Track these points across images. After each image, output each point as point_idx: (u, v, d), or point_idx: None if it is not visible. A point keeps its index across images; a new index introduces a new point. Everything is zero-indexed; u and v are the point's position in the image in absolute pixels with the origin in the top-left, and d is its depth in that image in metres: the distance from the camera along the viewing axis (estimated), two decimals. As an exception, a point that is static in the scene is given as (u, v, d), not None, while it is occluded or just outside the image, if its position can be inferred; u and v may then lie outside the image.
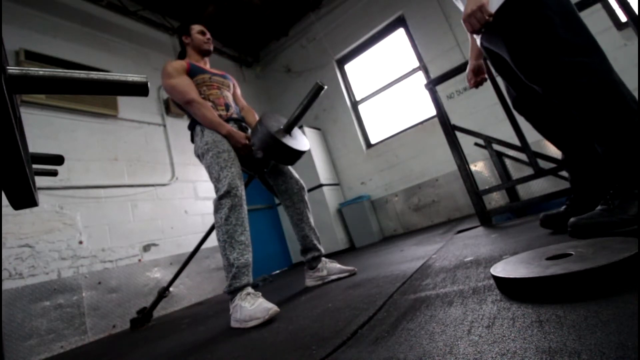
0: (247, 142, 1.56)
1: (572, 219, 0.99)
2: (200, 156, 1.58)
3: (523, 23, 1.04)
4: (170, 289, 2.80)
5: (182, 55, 1.83)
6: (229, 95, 1.77)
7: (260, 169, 1.67)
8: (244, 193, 1.43)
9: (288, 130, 1.54)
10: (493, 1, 1.08)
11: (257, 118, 1.78)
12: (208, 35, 1.82)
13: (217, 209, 1.38)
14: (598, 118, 0.96)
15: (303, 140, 1.65)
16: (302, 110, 1.52)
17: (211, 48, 1.83)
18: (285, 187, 1.70)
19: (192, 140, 1.66)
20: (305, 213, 1.71)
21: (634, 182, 0.93)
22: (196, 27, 1.82)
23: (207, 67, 1.81)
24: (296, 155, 1.54)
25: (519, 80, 1.23)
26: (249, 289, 1.28)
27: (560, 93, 1.02)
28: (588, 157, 1.21)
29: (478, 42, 1.30)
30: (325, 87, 1.49)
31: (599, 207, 0.98)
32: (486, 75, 1.56)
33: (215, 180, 1.43)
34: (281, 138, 1.46)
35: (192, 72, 1.66)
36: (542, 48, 1.01)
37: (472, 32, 1.07)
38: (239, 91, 1.92)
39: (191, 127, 1.65)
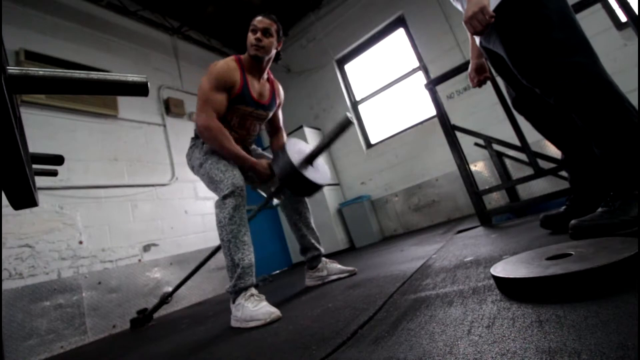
0: (269, 171, 1.51)
1: (573, 221, 0.99)
2: (197, 167, 1.52)
3: (519, 23, 1.04)
4: (170, 288, 2.80)
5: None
6: (256, 130, 1.67)
7: (277, 196, 1.60)
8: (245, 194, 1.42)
9: (310, 160, 1.49)
10: (490, 0, 1.08)
11: (284, 141, 1.71)
12: (258, 35, 1.48)
13: (220, 209, 1.35)
14: (595, 120, 0.97)
15: (325, 172, 1.59)
16: (327, 142, 1.47)
17: (259, 53, 1.49)
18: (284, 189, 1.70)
19: (188, 152, 1.61)
20: (304, 213, 1.70)
21: (633, 183, 0.93)
22: (254, 20, 1.51)
23: (261, 83, 1.59)
24: (315, 188, 1.48)
25: (518, 79, 1.23)
26: (253, 290, 1.28)
27: (556, 94, 1.02)
28: (588, 157, 1.21)
29: (477, 41, 1.30)
30: (354, 122, 1.44)
31: (599, 209, 0.98)
32: (489, 74, 1.55)
33: (218, 182, 1.39)
34: (302, 170, 1.41)
35: (239, 98, 1.49)
36: (537, 48, 1.01)
37: (474, 34, 1.07)
38: (280, 112, 1.76)
39: (197, 136, 1.59)
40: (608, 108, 0.94)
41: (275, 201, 1.62)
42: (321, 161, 1.60)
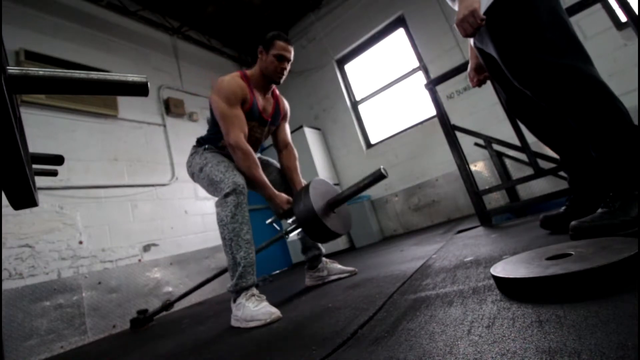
0: (288, 207, 1.46)
1: (573, 222, 0.99)
2: (197, 172, 1.52)
3: (510, 24, 1.04)
4: (170, 288, 2.81)
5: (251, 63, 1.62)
6: (260, 143, 1.67)
7: (287, 234, 1.56)
8: (247, 192, 1.41)
9: (333, 207, 1.44)
10: (482, 1, 1.08)
11: (296, 162, 1.70)
12: (285, 65, 1.52)
13: (222, 207, 1.34)
14: (589, 123, 0.96)
15: (347, 218, 1.54)
16: (355, 191, 1.41)
17: (281, 81, 1.56)
18: (288, 187, 1.69)
19: (188, 159, 1.60)
20: None
21: (633, 184, 0.93)
22: (279, 45, 1.50)
23: (266, 99, 1.61)
24: (333, 236, 1.42)
25: (510, 81, 1.23)
26: (254, 290, 1.28)
27: (548, 97, 1.02)
28: (585, 158, 1.21)
29: (472, 42, 1.30)
30: (387, 176, 1.37)
31: (599, 210, 0.97)
32: (488, 73, 1.54)
33: (218, 182, 1.39)
34: (323, 217, 1.35)
35: (249, 113, 1.51)
36: (527, 50, 1.01)
37: (466, 36, 1.08)
38: (286, 125, 1.76)
39: (199, 143, 1.59)
40: (601, 111, 0.94)
41: (290, 237, 1.57)
42: (344, 206, 1.53)
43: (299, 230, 1.51)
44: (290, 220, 1.49)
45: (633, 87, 2.55)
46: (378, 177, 1.36)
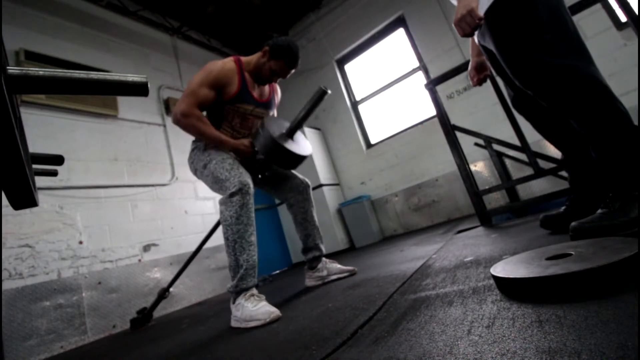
0: (252, 148, 1.52)
1: (573, 223, 0.98)
2: (200, 168, 1.51)
3: (510, 23, 1.04)
4: (170, 289, 2.81)
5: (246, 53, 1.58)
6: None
7: (262, 173, 1.64)
8: (253, 192, 1.40)
9: (290, 134, 1.53)
10: (483, 0, 1.08)
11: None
12: (276, 79, 1.61)
13: (227, 207, 1.32)
14: (589, 125, 0.96)
15: (305, 144, 1.64)
16: (304, 114, 1.51)
17: (265, 85, 1.62)
18: (289, 187, 1.69)
19: (190, 155, 1.59)
20: (310, 211, 1.70)
21: (632, 185, 0.93)
22: (283, 66, 1.54)
23: (258, 90, 1.62)
24: (298, 159, 1.53)
25: None
26: (254, 291, 1.28)
27: (548, 98, 1.01)
28: (587, 158, 1.21)
29: (476, 39, 1.30)
30: (329, 92, 1.48)
31: (599, 210, 0.97)
32: (489, 72, 1.54)
33: (224, 180, 1.37)
34: (283, 142, 1.44)
35: (238, 97, 1.51)
36: (526, 50, 1.01)
37: (464, 35, 1.08)
38: (275, 112, 1.79)
39: (197, 140, 1.59)
40: (600, 112, 0.94)
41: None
42: (301, 135, 1.65)
43: (267, 167, 1.62)
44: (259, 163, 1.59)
45: (633, 87, 2.55)
46: (321, 94, 1.47)
